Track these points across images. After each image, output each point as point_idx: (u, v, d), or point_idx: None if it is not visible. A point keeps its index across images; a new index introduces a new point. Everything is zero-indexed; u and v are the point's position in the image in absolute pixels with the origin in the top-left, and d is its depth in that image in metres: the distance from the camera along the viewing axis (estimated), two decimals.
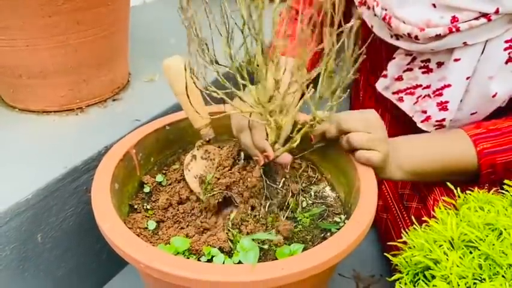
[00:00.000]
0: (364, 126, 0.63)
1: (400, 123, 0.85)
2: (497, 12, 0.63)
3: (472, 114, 0.71)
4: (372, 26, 0.75)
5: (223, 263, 0.54)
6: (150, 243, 0.59)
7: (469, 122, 0.72)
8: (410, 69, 0.74)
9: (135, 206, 0.65)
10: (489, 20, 0.63)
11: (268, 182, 0.64)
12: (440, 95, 0.71)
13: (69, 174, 0.67)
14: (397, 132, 0.86)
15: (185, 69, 0.56)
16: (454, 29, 0.65)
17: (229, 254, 0.57)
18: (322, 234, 0.61)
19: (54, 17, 0.69)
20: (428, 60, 0.72)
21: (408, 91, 0.76)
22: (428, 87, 0.73)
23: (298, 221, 0.62)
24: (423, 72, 0.73)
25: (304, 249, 0.57)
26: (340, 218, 0.63)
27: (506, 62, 0.66)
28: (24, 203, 0.62)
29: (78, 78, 0.78)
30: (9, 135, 0.74)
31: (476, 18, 0.64)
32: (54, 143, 0.73)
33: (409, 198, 0.76)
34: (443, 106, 0.71)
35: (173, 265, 0.48)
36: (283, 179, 0.66)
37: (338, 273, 0.83)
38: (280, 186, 0.65)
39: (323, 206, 0.65)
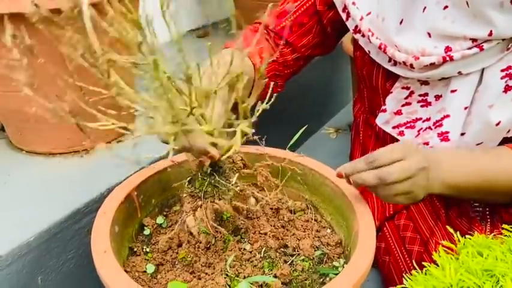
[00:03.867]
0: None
1: None
2: (490, 34, 0.64)
3: (477, 144, 0.72)
4: (369, 52, 0.77)
5: None
6: (148, 287, 0.59)
7: None
8: (409, 104, 0.76)
9: (135, 249, 0.66)
10: (481, 49, 0.65)
11: (217, 178, 0.63)
12: (441, 125, 0.72)
13: (71, 216, 0.68)
14: None
15: None
16: (447, 58, 0.67)
17: None
18: (321, 279, 0.60)
19: (61, 64, 0.72)
20: (426, 94, 0.74)
21: (408, 125, 0.77)
22: (428, 119, 0.74)
23: (296, 266, 0.62)
24: (422, 106, 0.75)
25: None
26: (339, 263, 0.63)
27: (505, 91, 0.67)
28: (26, 246, 0.62)
29: (84, 122, 0.80)
30: (15, 178, 0.76)
31: (469, 48, 0.66)
32: (58, 185, 0.74)
33: (411, 241, 0.75)
34: (444, 136, 0.72)
35: None
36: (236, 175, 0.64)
37: None
38: (233, 183, 0.63)
39: (323, 250, 0.65)
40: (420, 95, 0.74)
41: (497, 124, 0.68)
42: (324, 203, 0.72)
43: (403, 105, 0.76)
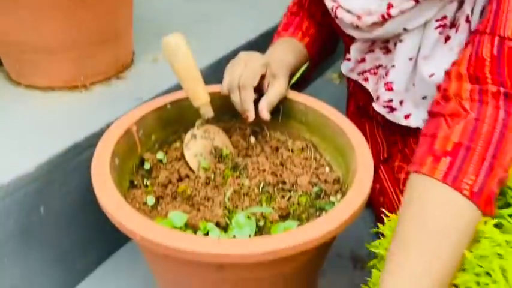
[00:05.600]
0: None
1: (386, 131, 0.86)
2: None
3: (423, 98, 0.73)
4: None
5: (219, 237, 0.56)
6: (149, 217, 0.61)
7: (425, 106, 0.72)
8: (372, 51, 0.76)
9: (135, 182, 0.67)
10: (417, 2, 0.63)
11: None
12: (387, 75, 0.72)
13: (71, 149, 0.68)
14: (382, 141, 0.87)
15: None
16: (386, 16, 0.66)
17: (225, 229, 0.58)
18: (318, 213, 0.62)
19: None
20: (388, 41, 0.73)
21: (372, 71, 0.78)
22: (386, 67, 0.74)
23: (293, 200, 0.63)
24: (384, 53, 0.75)
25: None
26: (336, 198, 0.64)
27: (445, 41, 0.66)
28: (28, 176, 0.63)
29: (82, 55, 0.79)
30: (14, 111, 0.75)
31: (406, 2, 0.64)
32: (57, 119, 0.74)
33: (405, 182, 0.76)
34: (388, 86, 0.73)
35: (169, 237, 0.49)
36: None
37: (336, 254, 0.84)
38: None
39: (320, 186, 0.66)
40: (383, 42, 0.74)
41: (430, 76, 0.67)
42: (324, 142, 0.72)
43: (366, 53, 0.76)
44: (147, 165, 0.69)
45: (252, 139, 0.77)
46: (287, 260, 0.51)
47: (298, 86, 0.79)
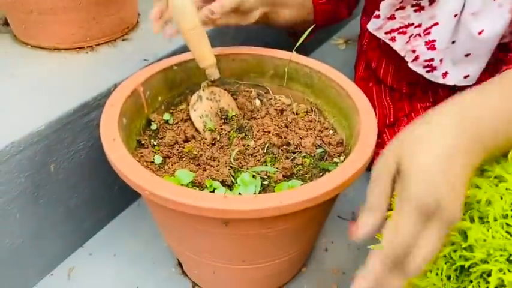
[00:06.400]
0: None
1: (394, 95, 0.86)
2: None
3: (466, 56, 0.71)
4: None
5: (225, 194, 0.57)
6: (157, 175, 0.62)
7: (466, 64, 0.71)
8: (403, 8, 0.74)
9: (143, 142, 0.68)
10: None
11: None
12: (429, 33, 0.71)
13: (79, 109, 0.69)
14: (390, 105, 0.87)
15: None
16: None
17: (230, 188, 0.60)
18: (321, 174, 0.63)
19: None
20: None
21: (401, 30, 0.77)
22: (419, 26, 0.73)
23: (297, 161, 0.64)
24: (415, 11, 0.73)
25: None
26: (339, 159, 0.65)
27: None
28: (37, 134, 0.64)
29: (88, 16, 0.79)
30: (22, 70, 0.76)
31: None
32: (64, 79, 0.74)
33: None
34: (431, 45, 0.72)
35: (177, 193, 0.50)
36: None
37: (338, 215, 0.86)
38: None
39: (324, 148, 0.67)
40: None
41: (480, 33, 0.66)
42: (328, 105, 0.73)
43: (396, 10, 0.75)
44: (153, 126, 0.71)
45: (257, 102, 0.78)
46: (290, 217, 0.53)
47: (305, 48, 0.79)
